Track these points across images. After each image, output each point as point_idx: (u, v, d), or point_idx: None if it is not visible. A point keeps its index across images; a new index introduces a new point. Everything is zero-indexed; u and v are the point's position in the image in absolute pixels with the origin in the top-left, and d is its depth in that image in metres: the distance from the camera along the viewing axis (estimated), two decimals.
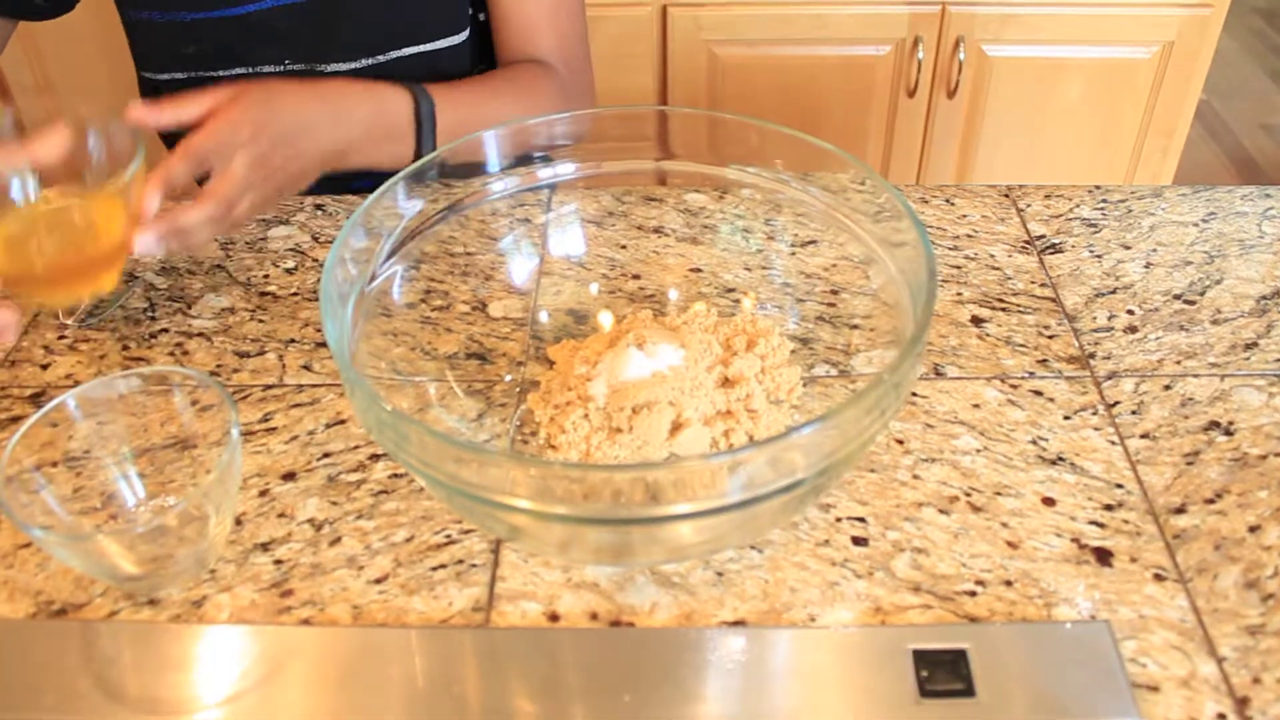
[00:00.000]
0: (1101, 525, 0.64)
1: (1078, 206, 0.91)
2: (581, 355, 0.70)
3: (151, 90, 1.03)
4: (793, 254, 0.78)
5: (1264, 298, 0.80)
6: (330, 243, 0.88)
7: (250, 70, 0.98)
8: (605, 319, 0.78)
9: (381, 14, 0.98)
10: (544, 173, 0.76)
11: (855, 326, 0.76)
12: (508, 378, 0.74)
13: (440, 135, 0.90)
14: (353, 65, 0.99)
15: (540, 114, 0.81)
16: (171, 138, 0.85)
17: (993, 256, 0.85)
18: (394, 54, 0.99)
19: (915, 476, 0.67)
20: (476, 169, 0.73)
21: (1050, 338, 0.77)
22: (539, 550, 0.63)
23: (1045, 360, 0.75)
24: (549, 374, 0.72)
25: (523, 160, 0.75)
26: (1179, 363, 0.75)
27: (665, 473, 0.54)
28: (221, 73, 0.99)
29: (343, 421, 0.72)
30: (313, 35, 0.97)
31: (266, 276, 0.85)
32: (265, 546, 0.64)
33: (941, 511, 0.65)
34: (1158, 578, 0.61)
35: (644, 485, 0.53)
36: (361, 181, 1.03)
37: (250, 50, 0.98)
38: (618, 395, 0.66)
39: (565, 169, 0.76)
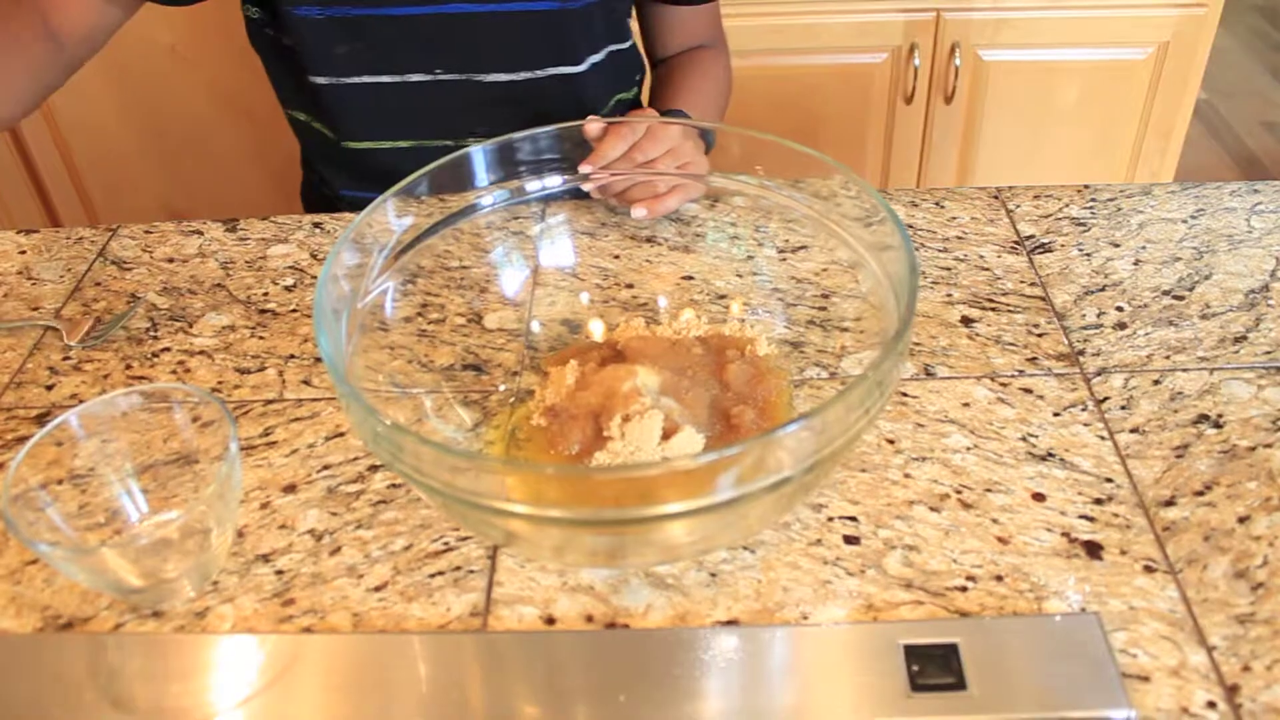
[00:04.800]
0: (1091, 519, 0.65)
1: (1067, 206, 0.92)
2: (585, 401, 0.70)
3: (310, 94, 1.02)
4: (783, 260, 0.80)
5: (1253, 291, 0.81)
6: None
7: (399, 79, 0.98)
8: (596, 327, 0.79)
9: (540, 30, 0.99)
10: (532, 185, 0.77)
11: (845, 329, 0.77)
12: (502, 387, 0.75)
13: None
14: (511, 77, 1.00)
15: (726, 91, 1.08)
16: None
17: (982, 257, 0.86)
18: (551, 70, 1.01)
19: (906, 475, 0.68)
20: (466, 183, 0.74)
21: (1040, 336, 0.78)
22: (535, 555, 0.64)
23: (1035, 358, 0.76)
24: (543, 384, 0.73)
25: (512, 174, 0.76)
26: (1168, 357, 0.76)
27: (655, 473, 0.55)
28: (368, 79, 0.98)
29: (342, 434, 0.73)
30: (473, 44, 0.98)
31: (266, 294, 0.87)
32: (266, 557, 0.65)
33: (932, 509, 0.66)
34: (1148, 569, 0.62)
35: (635, 486, 0.54)
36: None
37: (404, 56, 0.98)
38: (610, 404, 0.67)
39: (554, 181, 0.77)
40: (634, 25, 1.14)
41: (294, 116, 1.08)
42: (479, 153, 0.73)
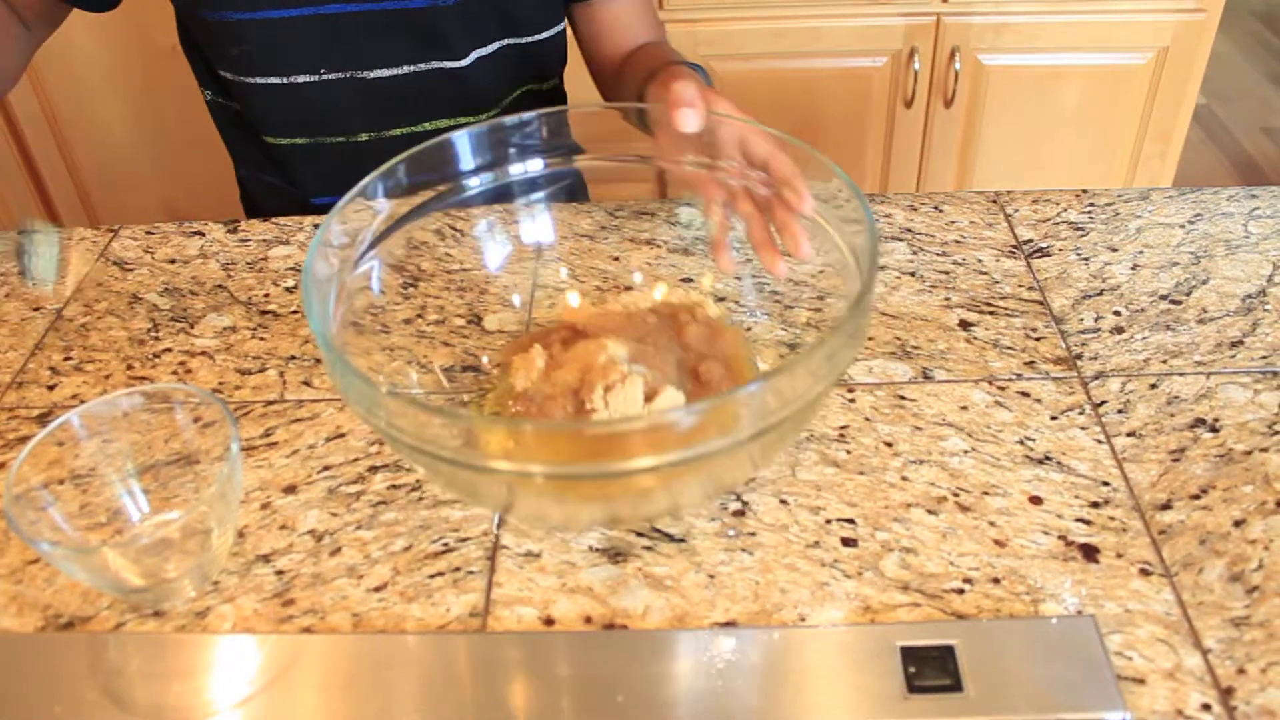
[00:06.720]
0: (1088, 522, 0.65)
1: (1065, 210, 0.92)
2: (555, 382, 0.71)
3: (222, 86, 1.06)
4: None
5: (1249, 296, 0.81)
6: None
7: (285, 80, 1.00)
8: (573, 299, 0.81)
9: (415, 27, 1.00)
10: (516, 168, 0.78)
11: None
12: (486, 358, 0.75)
13: None
14: (394, 72, 1.01)
15: None
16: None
17: (980, 261, 0.86)
18: (433, 65, 1.01)
19: (904, 478, 0.68)
20: (451, 167, 0.75)
21: (1037, 340, 0.78)
22: (532, 520, 0.65)
23: (1032, 362, 0.76)
24: (505, 374, 0.74)
25: (502, 158, 0.77)
26: (1165, 362, 0.76)
27: (632, 427, 0.57)
28: (258, 80, 1.00)
29: (342, 435, 0.73)
30: (353, 43, 0.99)
31: (267, 295, 0.87)
32: (267, 558, 0.65)
33: (930, 512, 0.66)
34: (1143, 572, 0.62)
35: (644, 439, 0.56)
36: None
37: (288, 59, 1.00)
38: (589, 378, 0.67)
39: (535, 165, 0.78)
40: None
41: (216, 101, 1.10)
42: (463, 137, 0.75)
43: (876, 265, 0.61)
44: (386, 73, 1.01)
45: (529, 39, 1.05)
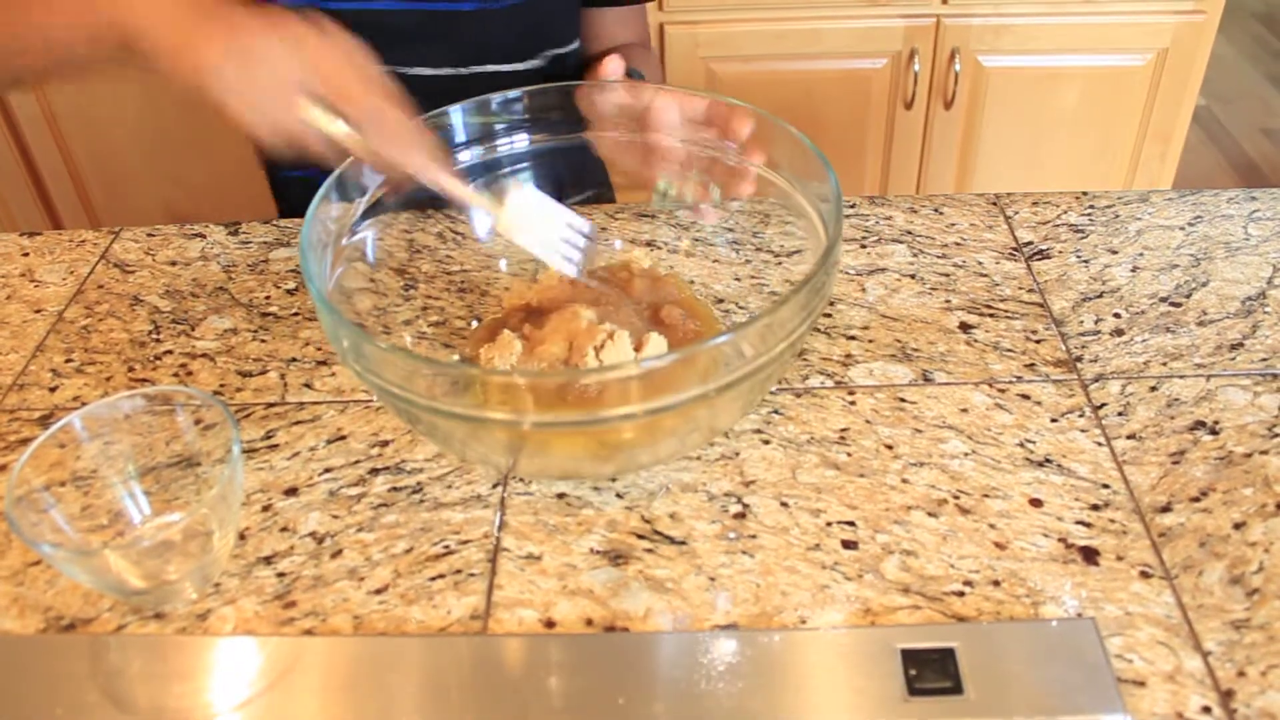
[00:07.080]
0: (1088, 525, 0.65)
1: (1065, 213, 0.92)
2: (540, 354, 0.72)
3: None
4: (779, 264, 0.80)
5: (1249, 299, 0.81)
6: None
7: None
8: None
9: (476, 31, 1.00)
10: (503, 142, 0.79)
11: (853, 338, 0.78)
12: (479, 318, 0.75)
13: None
14: (437, 72, 1.01)
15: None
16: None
17: (981, 264, 0.86)
18: (475, 69, 1.02)
19: (904, 481, 0.68)
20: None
21: (1038, 342, 0.78)
22: (539, 472, 0.68)
23: (1033, 364, 0.76)
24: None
25: (489, 133, 0.79)
26: (1165, 364, 0.76)
27: (619, 374, 0.60)
28: None
29: (343, 438, 0.73)
30: (408, 40, 0.99)
31: (268, 297, 0.87)
32: (268, 560, 0.65)
33: (930, 514, 0.66)
34: (1144, 575, 0.62)
35: (606, 387, 0.59)
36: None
37: None
38: (579, 343, 0.68)
39: (520, 139, 0.81)
40: None
41: None
42: (457, 111, 0.77)
43: (841, 217, 0.66)
44: (428, 71, 1.01)
45: (565, 49, 1.06)
